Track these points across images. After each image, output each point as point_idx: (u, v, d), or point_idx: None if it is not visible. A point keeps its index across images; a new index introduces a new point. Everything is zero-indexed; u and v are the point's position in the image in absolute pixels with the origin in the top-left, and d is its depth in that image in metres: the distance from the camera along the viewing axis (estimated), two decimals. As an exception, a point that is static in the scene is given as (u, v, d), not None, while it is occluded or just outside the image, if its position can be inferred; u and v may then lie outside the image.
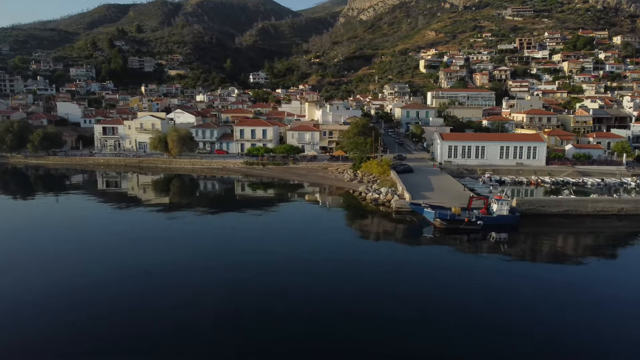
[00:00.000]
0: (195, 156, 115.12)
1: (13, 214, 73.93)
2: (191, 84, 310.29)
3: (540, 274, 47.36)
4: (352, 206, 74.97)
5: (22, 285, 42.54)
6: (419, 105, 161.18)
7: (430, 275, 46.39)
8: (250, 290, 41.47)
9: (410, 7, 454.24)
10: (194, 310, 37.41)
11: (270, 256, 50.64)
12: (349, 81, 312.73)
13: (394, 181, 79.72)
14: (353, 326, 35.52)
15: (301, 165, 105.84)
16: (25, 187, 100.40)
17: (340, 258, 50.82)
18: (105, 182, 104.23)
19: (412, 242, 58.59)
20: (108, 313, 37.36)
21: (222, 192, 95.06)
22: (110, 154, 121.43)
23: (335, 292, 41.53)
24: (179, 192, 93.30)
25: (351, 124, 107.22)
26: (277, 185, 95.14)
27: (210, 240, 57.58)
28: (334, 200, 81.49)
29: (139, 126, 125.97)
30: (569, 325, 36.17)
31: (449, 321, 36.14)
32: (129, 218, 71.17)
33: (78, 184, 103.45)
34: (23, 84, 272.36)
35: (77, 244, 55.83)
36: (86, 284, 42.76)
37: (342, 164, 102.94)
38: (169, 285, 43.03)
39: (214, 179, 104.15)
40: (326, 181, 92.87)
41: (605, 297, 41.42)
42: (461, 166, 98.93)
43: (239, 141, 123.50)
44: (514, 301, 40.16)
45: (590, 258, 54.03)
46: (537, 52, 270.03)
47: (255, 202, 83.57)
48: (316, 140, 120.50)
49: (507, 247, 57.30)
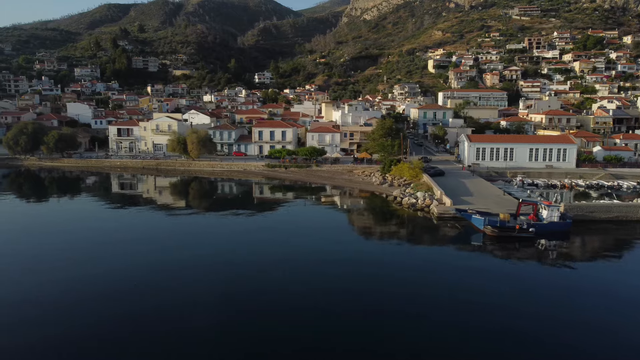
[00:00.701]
0: (214, 158, 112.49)
1: (29, 218, 70.92)
2: (197, 84, 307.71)
3: (615, 289, 44.26)
4: (388, 211, 72.35)
5: (39, 289, 42.37)
6: (436, 106, 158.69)
7: (494, 285, 43.95)
8: (305, 306, 39.07)
9: (415, 7, 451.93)
10: (225, 312, 37.66)
11: (314, 263, 48.36)
12: (355, 81, 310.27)
13: (429, 185, 77.19)
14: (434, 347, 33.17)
15: (324, 167, 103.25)
16: (40, 190, 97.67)
17: (391, 266, 48.40)
18: (121, 184, 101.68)
19: (461, 251, 56.01)
20: (128, 314, 37.04)
21: (245, 195, 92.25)
22: (127, 156, 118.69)
23: (401, 304, 39.09)
24: (200, 195, 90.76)
25: (376, 125, 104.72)
26: (303, 188, 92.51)
27: (243, 248, 54.93)
28: (368, 205, 78.80)
29: (155, 127, 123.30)
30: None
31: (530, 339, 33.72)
32: (149, 221, 68.83)
33: (94, 186, 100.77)
34: (28, 84, 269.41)
35: (94, 247, 54.79)
36: (104, 290, 41.78)
37: (367, 167, 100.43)
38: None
39: (235, 181, 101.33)
40: (354, 184, 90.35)
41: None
42: (490, 169, 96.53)
43: (257, 143, 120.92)
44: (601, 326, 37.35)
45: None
46: (547, 52, 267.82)
47: (283, 207, 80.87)
48: (337, 142, 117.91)
49: (563, 256, 54.71)
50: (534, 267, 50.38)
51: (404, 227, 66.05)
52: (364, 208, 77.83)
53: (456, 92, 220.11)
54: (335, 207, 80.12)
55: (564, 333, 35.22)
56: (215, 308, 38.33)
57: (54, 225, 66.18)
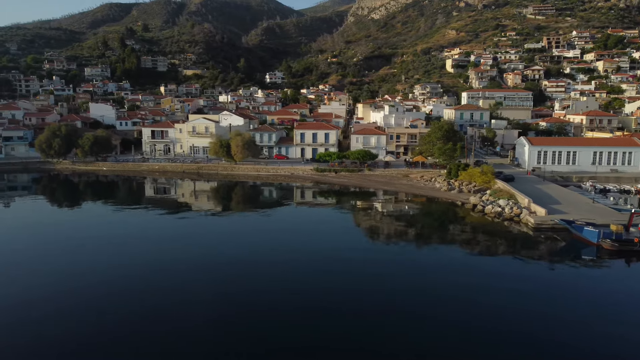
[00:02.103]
0: (259, 162, 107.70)
1: (74, 226, 66.01)
2: (209, 84, 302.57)
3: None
4: (473, 222, 67.10)
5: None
6: (472, 107, 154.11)
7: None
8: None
9: (424, 6, 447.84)
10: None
11: (433, 294, 43.58)
12: (370, 81, 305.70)
13: (509, 192, 72.67)
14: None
15: (377, 172, 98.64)
16: (77, 195, 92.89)
17: (518, 291, 43.24)
18: (163, 189, 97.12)
19: (577, 266, 51.46)
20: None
21: (305, 204, 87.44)
22: (165, 160, 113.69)
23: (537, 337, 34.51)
24: (256, 203, 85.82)
25: (433, 128, 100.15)
26: (364, 194, 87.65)
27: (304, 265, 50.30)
28: (446, 214, 73.20)
29: (192, 129, 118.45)
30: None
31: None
32: (204, 231, 63.89)
33: (134, 191, 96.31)
34: (39, 84, 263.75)
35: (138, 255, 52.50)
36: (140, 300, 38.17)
37: (424, 171, 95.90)
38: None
39: (285, 187, 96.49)
40: (417, 190, 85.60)
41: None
42: (555, 173, 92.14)
43: (299, 145, 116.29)
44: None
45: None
46: (567, 51, 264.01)
47: (352, 215, 76.17)
48: (382, 144, 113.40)
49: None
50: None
51: (500, 241, 60.40)
52: (444, 217, 72.08)
53: (480, 92, 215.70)
54: (410, 216, 75.20)
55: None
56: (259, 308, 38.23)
57: (97, 232, 61.22)
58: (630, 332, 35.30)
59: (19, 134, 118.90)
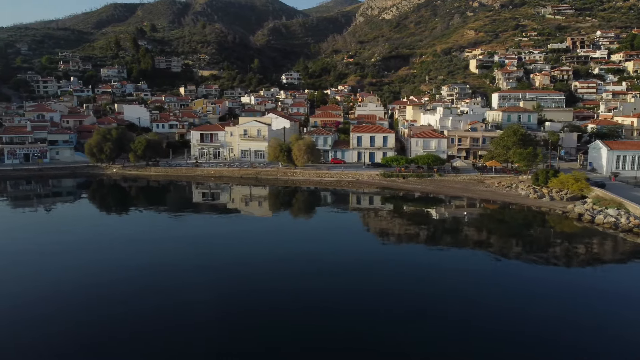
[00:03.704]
0: (320, 167, 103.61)
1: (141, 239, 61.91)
2: (227, 85, 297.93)
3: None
4: (586, 234, 63.05)
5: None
6: (520, 108, 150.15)
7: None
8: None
9: (437, 6, 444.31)
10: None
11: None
12: (390, 82, 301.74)
13: (616, 200, 68.78)
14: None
15: (448, 177, 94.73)
16: (135, 202, 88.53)
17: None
18: (230, 198, 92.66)
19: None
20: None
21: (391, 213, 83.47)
22: (220, 164, 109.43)
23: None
24: (334, 211, 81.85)
25: (507, 131, 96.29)
26: (439, 201, 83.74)
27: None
28: (548, 224, 68.40)
29: (243, 133, 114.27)
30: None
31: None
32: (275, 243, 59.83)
33: (192, 198, 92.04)
34: (57, 84, 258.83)
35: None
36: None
37: (499, 176, 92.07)
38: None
39: (354, 192, 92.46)
40: (502, 198, 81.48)
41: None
42: (638, 179, 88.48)
43: (355, 149, 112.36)
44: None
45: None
46: (593, 51, 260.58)
47: (451, 224, 72.16)
48: (443, 148, 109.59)
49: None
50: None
51: (630, 256, 56.65)
52: (553, 230, 66.03)
53: (511, 92, 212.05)
54: (515, 227, 70.86)
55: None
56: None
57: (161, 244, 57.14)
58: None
59: (64, 138, 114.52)
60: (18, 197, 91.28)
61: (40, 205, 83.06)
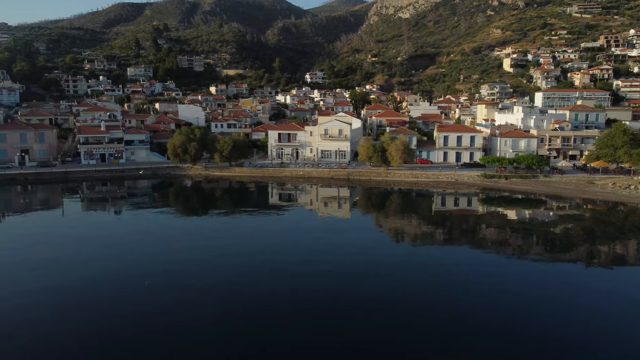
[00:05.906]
0: (414, 167, 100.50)
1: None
2: (255, 84, 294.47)
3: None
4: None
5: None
6: (587, 108, 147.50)
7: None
8: None
9: (456, 5, 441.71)
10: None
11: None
12: (419, 81, 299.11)
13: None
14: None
15: (554, 178, 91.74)
16: (236, 206, 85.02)
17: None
18: (327, 202, 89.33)
19: None
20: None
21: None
22: (308, 165, 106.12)
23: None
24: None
25: (615, 131, 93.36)
26: (578, 206, 79.43)
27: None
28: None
29: (324, 132, 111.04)
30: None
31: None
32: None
33: (282, 201, 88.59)
34: (86, 84, 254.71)
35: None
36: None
37: (610, 177, 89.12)
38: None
39: (453, 194, 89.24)
40: (627, 199, 78.37)
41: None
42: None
43: (441, 149, 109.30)
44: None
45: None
46: (630, 50, 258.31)
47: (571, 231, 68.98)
48: (532, 148, 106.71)
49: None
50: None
51: None
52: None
53: (557, 92, 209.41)
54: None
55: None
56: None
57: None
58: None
59: (140, 138, 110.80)
60: (115, 198, 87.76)
61: (148, 209, 79.47)
